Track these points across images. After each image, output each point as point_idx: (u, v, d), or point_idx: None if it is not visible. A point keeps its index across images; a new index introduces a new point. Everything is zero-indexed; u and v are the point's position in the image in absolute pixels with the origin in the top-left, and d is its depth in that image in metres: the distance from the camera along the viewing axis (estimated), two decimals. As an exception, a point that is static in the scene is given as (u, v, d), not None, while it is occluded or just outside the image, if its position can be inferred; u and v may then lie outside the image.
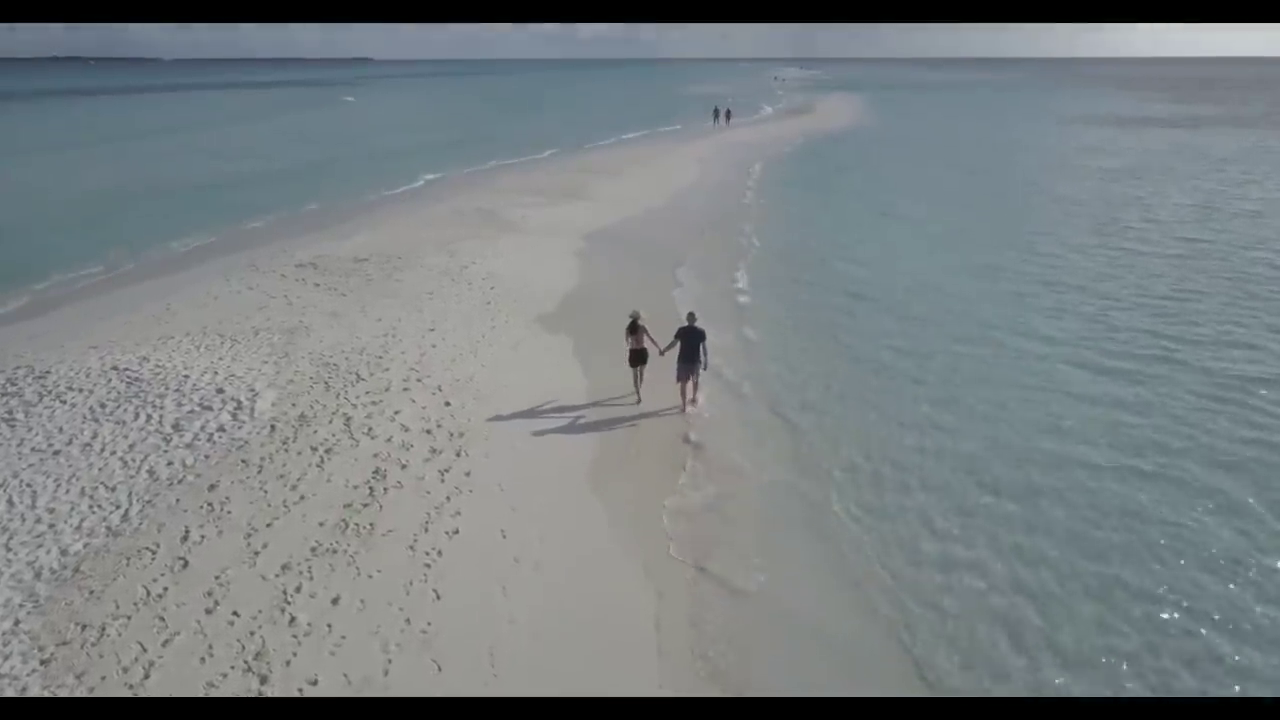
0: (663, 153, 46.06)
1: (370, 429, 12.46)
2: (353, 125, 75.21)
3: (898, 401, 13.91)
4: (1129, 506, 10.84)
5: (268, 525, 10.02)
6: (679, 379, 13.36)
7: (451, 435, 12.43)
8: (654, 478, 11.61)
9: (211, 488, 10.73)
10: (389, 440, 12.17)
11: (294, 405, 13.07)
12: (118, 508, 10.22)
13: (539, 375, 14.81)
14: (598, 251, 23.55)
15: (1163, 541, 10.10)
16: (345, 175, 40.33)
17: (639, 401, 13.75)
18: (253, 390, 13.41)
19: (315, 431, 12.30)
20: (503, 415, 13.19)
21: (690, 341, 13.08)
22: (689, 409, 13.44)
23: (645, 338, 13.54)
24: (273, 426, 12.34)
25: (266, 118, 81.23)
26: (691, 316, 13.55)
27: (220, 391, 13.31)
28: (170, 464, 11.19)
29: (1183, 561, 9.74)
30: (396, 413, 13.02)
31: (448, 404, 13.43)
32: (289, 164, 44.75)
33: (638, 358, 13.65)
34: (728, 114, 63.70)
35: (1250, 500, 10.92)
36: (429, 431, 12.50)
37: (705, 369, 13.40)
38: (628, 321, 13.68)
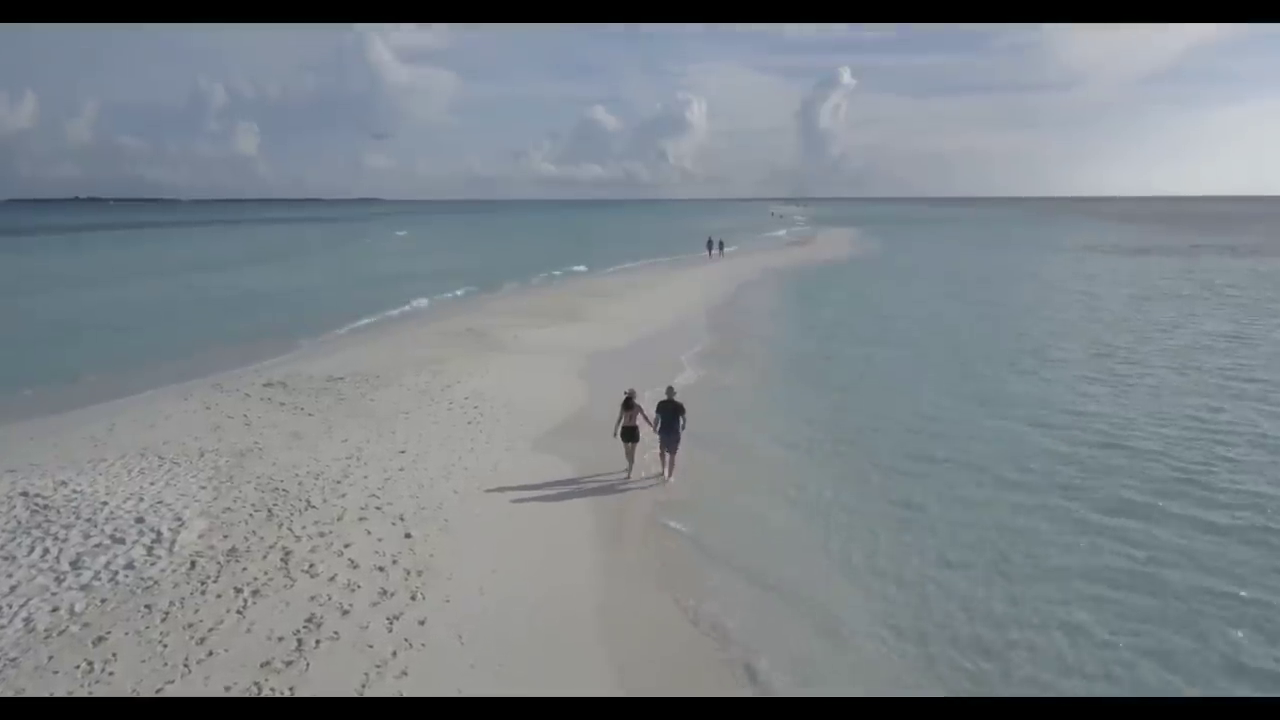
0: (660, 280, 45.57)
1: (312, 565, 10.44)
2: (419, 253, 76.28)
3: (896, 548, 11.78)
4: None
5: (157, 691, 7.87)
6: (658, 448, 14.04)
7: (408, 573, 10.39)
8: (646, 628, 9.52)
9: (98, 641, 8.63)
10: (332, 579, 10.13)
11: (225, 537, 11.08)
12: (-30, 668, 8.11)
13: (517, 502, 12.88)
14: (596, 372, 21.95)
15: None
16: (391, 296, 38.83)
17: (628, 477, 13.96)
18: (179, 519, 11.44)
19: (245, 569, 10.27)
20: (471, 549, 11.17)
21: (669, 415, 13.70)
22: (667, 482, 13.75)
23: (639, 415, 13.93)
24: (193, 563, 10.32)
25: (309, 253, 79.76)
26: (670, 391, 14.12)
27: (140, 521, 11.33)
28: (55, 610, 9.12)
29: None
30: (346, 546, 11.03)
31: (408, 536, 11.44)
32: (347, 291, 43.57)
33: (630, 434, 13.95)
34: (720, 245, 64.43)
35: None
36: (381, 569, 10.47)
37: (684, 428, 13.86)
38: (623, 397, 14.05)
